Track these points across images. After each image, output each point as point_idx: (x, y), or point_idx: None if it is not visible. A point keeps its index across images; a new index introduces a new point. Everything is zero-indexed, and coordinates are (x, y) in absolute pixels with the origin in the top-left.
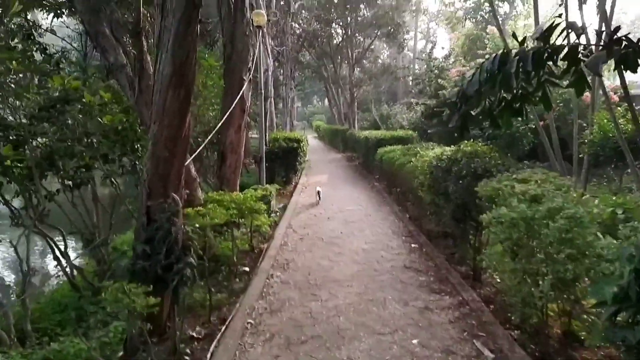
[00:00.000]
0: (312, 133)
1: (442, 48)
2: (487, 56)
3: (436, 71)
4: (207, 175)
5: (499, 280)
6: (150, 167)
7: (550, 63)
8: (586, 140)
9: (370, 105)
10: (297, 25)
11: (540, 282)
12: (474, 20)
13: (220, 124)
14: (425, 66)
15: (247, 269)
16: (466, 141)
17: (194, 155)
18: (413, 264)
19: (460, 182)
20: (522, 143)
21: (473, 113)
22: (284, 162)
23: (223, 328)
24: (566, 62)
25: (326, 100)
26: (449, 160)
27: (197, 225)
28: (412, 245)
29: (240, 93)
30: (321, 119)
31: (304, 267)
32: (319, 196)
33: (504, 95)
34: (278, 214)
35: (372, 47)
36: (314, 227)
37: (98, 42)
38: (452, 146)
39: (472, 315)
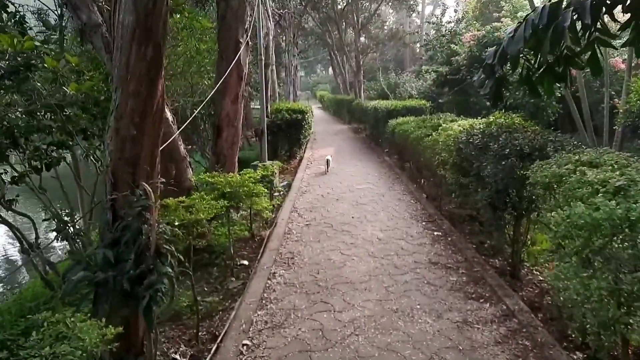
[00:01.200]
0: (316, 103)
1: (455, 11)
2: (502, 20)
3: (448, 36)
4: (206, 150)
5: (541, 277)
6: (114, 150)
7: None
8: (621, 110)
9: (377, 73)
10: None
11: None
12: None
13: (212, 93)
14: (435, 31)
15: (245, 262)
16: (497, 112)
17: (180, 129)
18: (439, 258)
19: (503, 162)
20: (547, 113)
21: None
22: (287, 135)
23: (213, 349)
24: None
25: (330, 69)
26: (483, 136)
27: (176, 221)
28: (435, 232)
29: (237, 57)
30: (325, 89)
31: (311, 263)
32: (328, 165)
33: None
34: (282, 192)
35: (379, 11)
36: (321, 210)
37: None
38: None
39: (522, 332)
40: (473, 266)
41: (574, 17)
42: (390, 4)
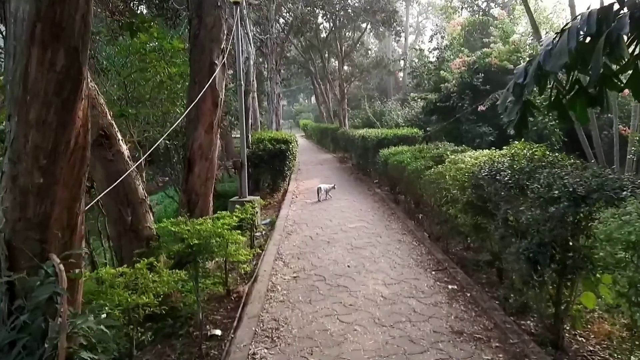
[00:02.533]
0: (299, 132)
1: (442, 37)
2: (492, 45)
3: (436, 62)
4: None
5: (590, 347)
6: (10, 207)
7: None
8: (631, 137)
9: (361, 101)
10: (283, 9)
11: None
12: (470, 9)
13: (183, 122)
14: (418, 60)
15: (218, 332)
16: (516, 142)
17: (135, 164)
18: (463, 325)
19: (552, 208)
20: (552, 142)
21: None
22: (270, 167)
23: None
24: None
25: (313, 98)
26: (513, 172)
27: (105, 312)
28: (450, 286)
29: (211, 81)
30: (309, 118)
31: (301, 337)
32: (321, 193)
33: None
34: (264, 232)
35: (362, 39)
36: (310, 257)
37: None
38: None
39: None
40: (507, 336)
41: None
42: (372, 32)
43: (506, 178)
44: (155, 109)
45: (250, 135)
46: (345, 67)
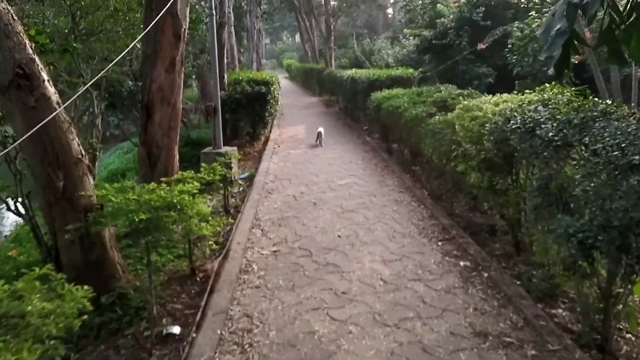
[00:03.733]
0: (283, 73)
1: None
2: None
3: None
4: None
5: None
6: None
7: None
8: None
9: (349, 39)
10: None
11: None
12: None
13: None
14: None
15: (176, 330)
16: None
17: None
18: (486, 322)
19: (634, 180)
20: (562, 83)
21: None
22: (249, 112)
23: None
24: None
25: (298, 36)
26: (558, 125)
27: None
28: (462, 262)
29: (170, 4)
30: (292, 57)
31: (281, 344)
32: (321, 138)
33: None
34: (240, 189)
35: None
36: (294, 224)
37: None
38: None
39: None
40: (544, 339)
41: None
42: None
43: (550, 134)
44: (112, 44)
45: (226, 76)
46: (333, 1)
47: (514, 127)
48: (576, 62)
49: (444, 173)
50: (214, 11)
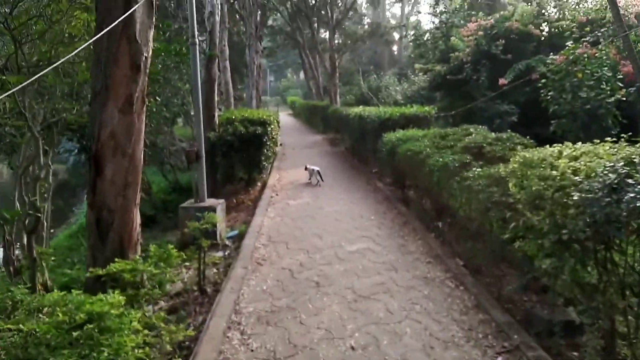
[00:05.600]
0: (287, 110)
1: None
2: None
3: (443, 28)
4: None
5: None
6: None
7: None
8: None
9: (354, 76)
10: None
11: None
12: None
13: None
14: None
15: None
16: None
17: None
18: None
19: None
20: (606, 123)
21: None
22: (243, 156)
23: None
24: None
25: (302, 73)
26: None
27: None
28: None
29: (125, 25)
30: (297, 94)
31: None
32: (320, 177)
33: None
34: (227, 252)
35: (355, 5)
36: (288, 320)
37: None
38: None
39: None
40: None
41: None
42: None
43: None
44: (69, 77)
45: (217, 115)
46: (337, 37)
47: (630, 204)
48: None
49: (481, 236)
50: (196, 39)
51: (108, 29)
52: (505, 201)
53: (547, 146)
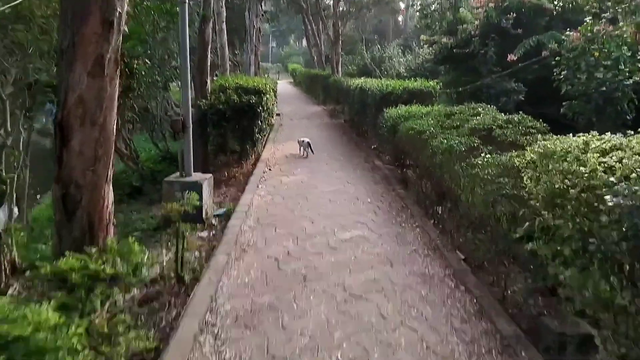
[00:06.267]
0: (288, 78)
1: None
2: None
3: None
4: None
5: None
6: None
7: None
8: None
9: (357, 45)
10: None
11: None
12: None
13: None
14: (419, 3)
15: None
16: None
17: None
18: None
19: None
20: (621, 107)
21: None
22: (235, 127)
23: None
24: None
25: (304, 40)
26: None
27: None
28: None
29: None
30: (299, 62)
31: None
32: (311, 149)
33: None
34: (212, 232)
35: None
36: (268, 323)
37: None
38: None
39: None
40: None
41: None
42: None
43: None
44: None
45: (209, 82)
46: (342, 4)
47: None
48: None
49: (484, 227)
50: None
51: None
52: (517, 195)
53: (570, 135)
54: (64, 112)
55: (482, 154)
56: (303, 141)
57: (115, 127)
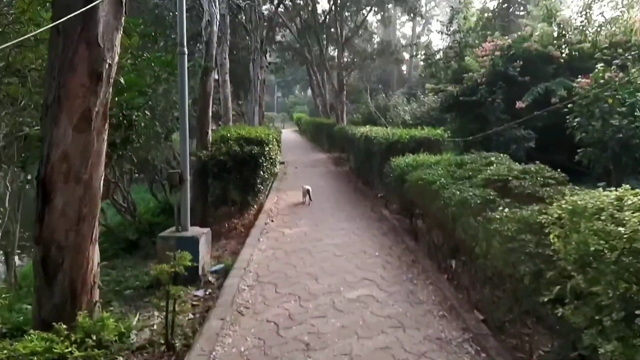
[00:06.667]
0: (293, 126)
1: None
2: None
3: (456, 48)
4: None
5: None
6: None
7: None
8: None
9: (362, 94)
10: None
11: None
12: None
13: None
14: (423, 53)
15: None
16: None
17: None
18: None
19: None
20: (639, 155)
21: None
22: (236, 178)
23: None
24: None
25: (309, 90)
26: None
27: None
28: None
29: (85, 26)
30: (303, 111)
31: None
32: (309, 196)
33: None
34: (207, 291)
35: (366, 23)
36: None
37: None
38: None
39: None
40: None
41: None
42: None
43: None
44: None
45: (210, 133)
46: (346, 55)
47: None
48: None
49: (504, 283)
50: (185, 49)
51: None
52: (541, 253)
53: (600, 189)
54: (47, 169)
55: (500, 208)
56: (304, 188)
57: (102, 183)
